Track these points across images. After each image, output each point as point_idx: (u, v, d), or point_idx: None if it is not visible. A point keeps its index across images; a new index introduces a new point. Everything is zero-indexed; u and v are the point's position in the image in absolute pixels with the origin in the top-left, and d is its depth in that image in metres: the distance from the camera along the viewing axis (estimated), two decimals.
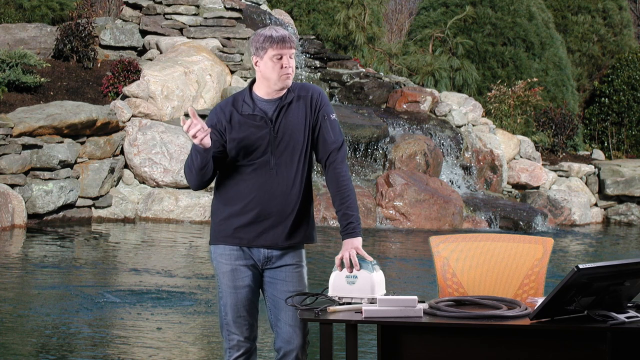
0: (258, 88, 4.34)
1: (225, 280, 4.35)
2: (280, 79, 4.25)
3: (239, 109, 4.32)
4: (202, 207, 13.55)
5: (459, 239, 4.55)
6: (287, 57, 4.24)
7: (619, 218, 17.37)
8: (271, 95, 4.31)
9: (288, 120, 4.29)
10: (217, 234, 4.38)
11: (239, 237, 4.32)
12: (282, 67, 4.24)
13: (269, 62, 4.25)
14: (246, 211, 4.30)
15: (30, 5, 17.30)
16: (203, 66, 15.06)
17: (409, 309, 3.93)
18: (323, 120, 4.32)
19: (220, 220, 4.37)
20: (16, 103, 13.83)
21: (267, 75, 4.27)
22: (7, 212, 12.16)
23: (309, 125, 4.32)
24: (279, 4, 20.22)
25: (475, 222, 14.33)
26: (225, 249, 4.35)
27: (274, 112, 4.29)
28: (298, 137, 4.29)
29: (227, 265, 4.35)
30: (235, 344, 4.38)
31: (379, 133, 15.07)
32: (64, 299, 8.22)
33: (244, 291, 4.35)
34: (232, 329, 4.36)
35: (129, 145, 13.83)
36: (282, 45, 4.23)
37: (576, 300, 3.80)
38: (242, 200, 4.30)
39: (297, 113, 4.30)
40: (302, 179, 4.32)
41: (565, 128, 18.42)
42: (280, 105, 4.29)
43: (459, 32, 19.66)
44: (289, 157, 4.28)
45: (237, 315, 4.35)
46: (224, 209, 4.35)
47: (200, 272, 9.84)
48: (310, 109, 4.32)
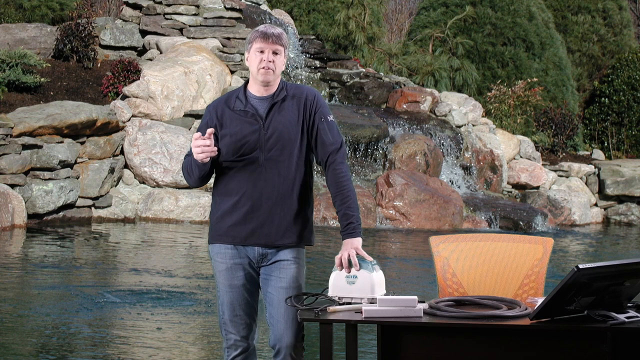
0: (251, 85, 4.40)
1: (222, 279, 4.38)
2: (259, 72, 4.31)
3: (231, 105, 4.38)
4: (202, 207, 13.56)
5: (459, 239, 4.55)
6: (268, 52, 4.30)
7: (619, 218, 17.37)
8: (262, 93, 4.36)
9: (279, 118, 4.32)
10: (213, 233, 4.41)
11: (232, 236, 4.35)
12: (261, 60, 4.30)
13: (252, 55, 4.35)
14: (237, 208, 4.33)
15: (30, 5, 17.30)
16: (203, 66, 15.06)
17: (409, 309, 3.93)
18: (320, 122, 4.34)
19: (215, 218, 4.41)
20: (16, 103, 13.83)
21: (251, 69, 4.36)
22: (7, 212, 12.16)
23: (303, 126, 4.34)
24: (279, 4, 20.22)
25: (475, 222, 14.33)
26: (221, 248, 4.38)
27: (265, 109, 4.33)
28: (289, 135, 4.31)
29: (222, 264, 4.37)
30: (232, 343, 4.39)
31: (379, 133, 15.06)
32: (64, 299, 8.22)
33: (239, 290, 4.36)
34: (229, 328, 4.38)
35: (129, 145, 13.83)
36: (264, 40, 4.31)
37: (576, 300, 3.80)
38: (233, 197, 4.34)
39: (290, 112, 4.33)
40: (295, 178, 4.33)
41: (565, 128, 18.42)
42: (272, 102, 4.34)
43: (459, 32, 19.66)
44: (278, 155, 4.30)
45: (233, 315, 4.37)
46: (219, 207, 4.39)
47: (200, 272, 9.84)
48: (304, 110, 4.35)
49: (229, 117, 4.34)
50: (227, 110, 4.36)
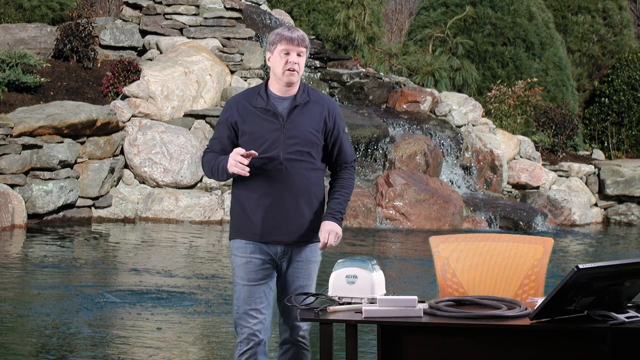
0: (272, 84, 4.52)
1: (241, 273, 4.47)
2: (285, 74, 4.43)
3: (252, 102, 4.49)
4: (202, 207, 13.55)
5: (459, 239, 4.55)
6: (294, 54, 4.42)
7: (619, 218, 17.36)
8: (283, 92, 4.48)
9: (302, 119, 4.45)
10: (235, 229, 4.53)
11: (254, 232, 4.46)
12: (287, 62, 4.41)
13: (277, 56, 4.44)
14: (259, 205, 4.45)
15: (30, 5, 17.30)
16: (203, 66, 15.06)
17: (409, 309, 3.93)
18: (342, 133, 4.54)
19: (236, 215, 4.52)
20: (16, 103, 13.83)
21: (274, 70, 4.46)
22: (7, 212, 12.16)
23: (324, 132, 4.49)
24: (279, 4, 20.22)
25: (475, 222, 14.33)
26: (241, 243, 4.49)
27: (286, 109, 4.45)
28: (310, 137, 4.45)
29: (242, 258, 4.48)
30: (245, 338, 4.46)
31: (379, 133, 15.06)
32: (64, 299, 8.22)
33: (256, 284, 4.46)
34: (243, 322, 4.46)
35: (129, 145, 13.83)
36: (290, 42, 4.42)
37: (576, 300, 3.80)
38: (254, 194, 4.46)
39: (313, 116, 4.47)
40: (312, 177, 4.48)
41: (565, 128, 18.42)
42: (294, 103, 4.46)
43: (459, 32, 19.66)
44: (298, 154, 4.43)
45: (249, 308, 4.45)
46: (240, 204, 4.51)
47: (200, 272, 9.84)
48: (327, 118, 4.50)
49: (250, 114, 4.45)
50: (249, 107, 4.47)
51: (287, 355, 4.56)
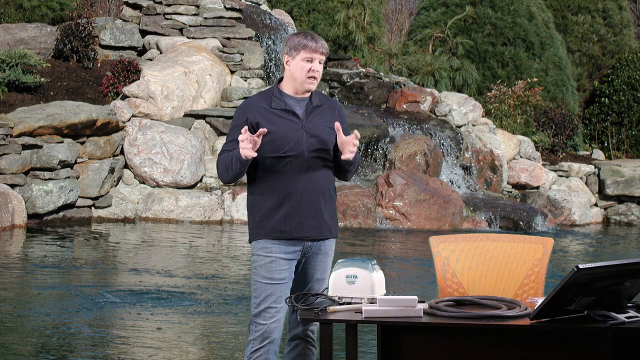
0: (285, 86, 4.60)
1: (263, 272, 4.51)
2: (307, 81, 4.54)
3: (269, 103, 4.56)
4: (202, 207, 13.56)
5: (459, 239, 4.55)
6: (316, 62, 4.54)
7: (619, 218, 17.36)
8: (298, 94, 4.58)
9: (320, 120, 4.57)
10: (259, 230, 4.55)
11: (281, 230, 4.51)
12: (310, 70, 4.52)
13: (299, 62, 4.53)
14: (284, 204, 4.51)
15: (30, 5, 17.30)
16: (203, 66, 15.06)
17: (409, 309, 3.93)
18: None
19: (260, 216, 4.55)
20: (16, 103, 13.83)
21: (295, 75, 4.54)
22: (7, 212, 12.16)
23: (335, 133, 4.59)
24: (279, 4, 20.22)
25: (475, 222, 14.33)
26: (267, 243, 4.53)
27: (303, 111, 4.56)
28: (329, 137, 4.55)
29: (266, 257, 4.51)
30: (259, 335, 4.49)
31: (379, 133, 15.07)
32: (64, 299, 8.22)
33: (279, 283, 4.50)
34: (260, 320, 4.50)
35: (129, 145, 13.83)
36: (314, 51, 4.52)
37: (576, 300, 3.80)
38: (278, 193, 4.51)
39: (329, 117, 4.60)
40: (329, 175, 4.61)
41: (565, 128, 18.41)
42: (310, 106, 4.58)
43: (459, 32, 19.66)
44: (320, 152, 4.53)
45: (268, 306, 4.49)
46: (262, 204, 4.55)
47: (200, 272, 9.84)
48: (338, 119, 4.62)
49: (271, 114, 4.52)
50: (268, 108, 4.54)
51: (295, 352, 4.61)
